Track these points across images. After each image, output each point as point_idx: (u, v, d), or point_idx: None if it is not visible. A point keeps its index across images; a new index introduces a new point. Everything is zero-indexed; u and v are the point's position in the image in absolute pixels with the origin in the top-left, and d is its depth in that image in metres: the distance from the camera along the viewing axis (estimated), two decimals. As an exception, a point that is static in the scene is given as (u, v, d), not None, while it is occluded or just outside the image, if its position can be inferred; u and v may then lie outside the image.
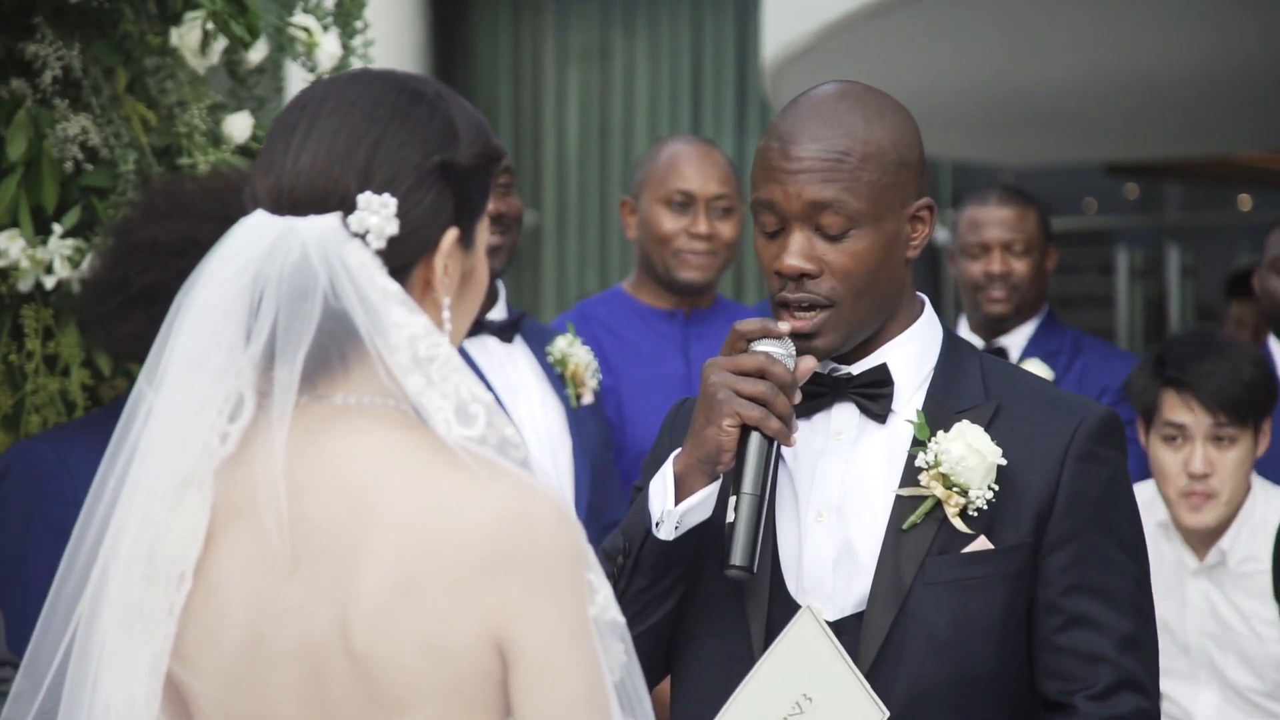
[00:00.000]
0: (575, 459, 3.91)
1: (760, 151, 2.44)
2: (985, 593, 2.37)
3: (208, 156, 3.23)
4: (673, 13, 10.31)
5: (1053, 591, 2.38)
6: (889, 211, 2.39)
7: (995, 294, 4.69)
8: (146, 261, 2.88)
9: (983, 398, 2.44)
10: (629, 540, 2.39)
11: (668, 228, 4.34)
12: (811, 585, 2.41)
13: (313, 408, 1.81)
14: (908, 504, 2.39)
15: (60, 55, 3.20)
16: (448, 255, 1.84)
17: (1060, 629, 2.39)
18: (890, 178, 2.39)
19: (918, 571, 2.36)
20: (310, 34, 3.53)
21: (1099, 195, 11.22)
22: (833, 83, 2.47)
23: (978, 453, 2.35)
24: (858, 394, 2.44)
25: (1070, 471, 2.39)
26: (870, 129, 2.39)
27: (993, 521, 2.37)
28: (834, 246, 2.38)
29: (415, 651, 1.74)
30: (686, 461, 2.35)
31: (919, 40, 6.59)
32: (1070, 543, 2.38)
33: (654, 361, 4.35)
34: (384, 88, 1.86)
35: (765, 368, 2.33)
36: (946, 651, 2.35)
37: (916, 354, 2.47)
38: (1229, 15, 5.94)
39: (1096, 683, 2.37)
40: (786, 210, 2.39)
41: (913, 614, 2.36)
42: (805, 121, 2.41)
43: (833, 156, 2.37)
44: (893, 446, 2.43)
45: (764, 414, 2.31)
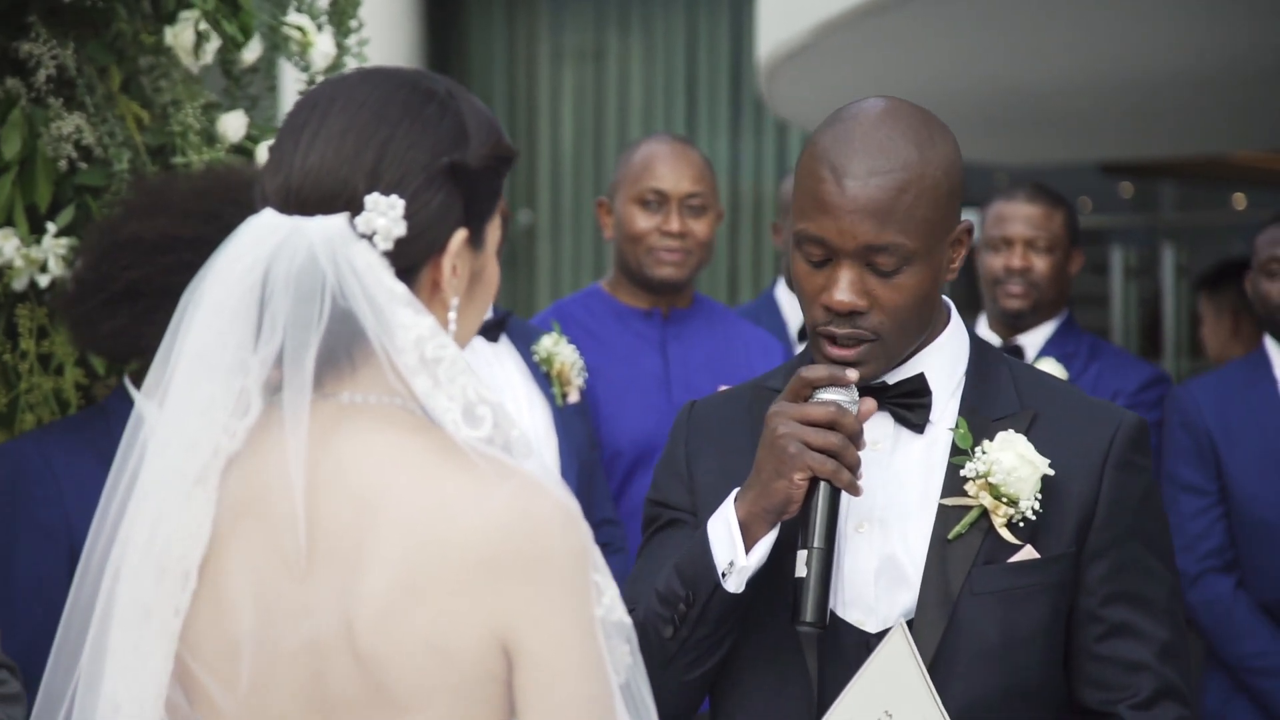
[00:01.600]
0: (562, 458, 3.92)
1: (806, 177, 2.35)
2: (1032, 602, 2.34)
3: (202, 155, 3.23)
4: (667, 12, 10.31)
5: (1093, 600, 2.37)
6: (938, 243, 2.34)
7: (1013, 289, 4.69)
8: (130, 259, 2.87)
9: (1018, 406, 2.42)
10: (691, 589, 2.33)
11: (640, 226, 4.35)
12: (853, 598, 2.37)
13: (320, 406, 1.80)
14: (951, 514, 2.36)
15: (54, 54, 3.20)
16: (456, 256, 1.83)
17: (1101, 638, 2.37)
18: (942, 210, 2.33)
19: (965, 582, 2.33)
20: (305, 33, 3.53)
21: (1094, 194, 11.22)
22: (878, 100, 2.38)
23: (1030, 464, 2.33)
24: (894, 404, 2.40)
25: (1110, 480, 2.37)
26: (924, 160, 2.32)
27: (1037, 531, 2.35)
28: (884, 282, 2.32)
29: (420, 652, 1.73)
30: (751, 510, 2.30)
31: (913, 39, 6.59)
32: (1110, 551, 2.36)
33: (631, 361, 4.35)
34: (394, 87, 1.85)
35: (836, 419, 2.28)
36: (997, 662, 2.33)
37: (949, 361, 2.44)
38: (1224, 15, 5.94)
39: (1139, 692, 2.36)
40: (839, 247, 2.31)
41: (962, 625, 2.33)
42: (858, 151, 2.31)
43: (889, 195, 2.29)
44: (930, 455, 2.40)
45: (837, 467, 2.27)
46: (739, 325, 4.55)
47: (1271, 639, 4.38)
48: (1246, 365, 4.60)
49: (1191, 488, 4.46)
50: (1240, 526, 4.44)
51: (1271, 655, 4.38)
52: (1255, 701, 4.42)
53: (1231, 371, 4.62)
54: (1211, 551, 4.44)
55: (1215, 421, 4.48)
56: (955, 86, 7.25)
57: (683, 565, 2.35)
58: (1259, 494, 4.41)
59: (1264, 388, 4.51)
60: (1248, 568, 4.43)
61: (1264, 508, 4.40)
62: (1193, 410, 4.49)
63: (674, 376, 4.35)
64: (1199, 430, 4.47)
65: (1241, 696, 4.45)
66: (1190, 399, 4.52)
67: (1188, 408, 4.50)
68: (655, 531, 2.52)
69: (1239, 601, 4.41)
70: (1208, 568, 4.44)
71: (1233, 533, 4.45)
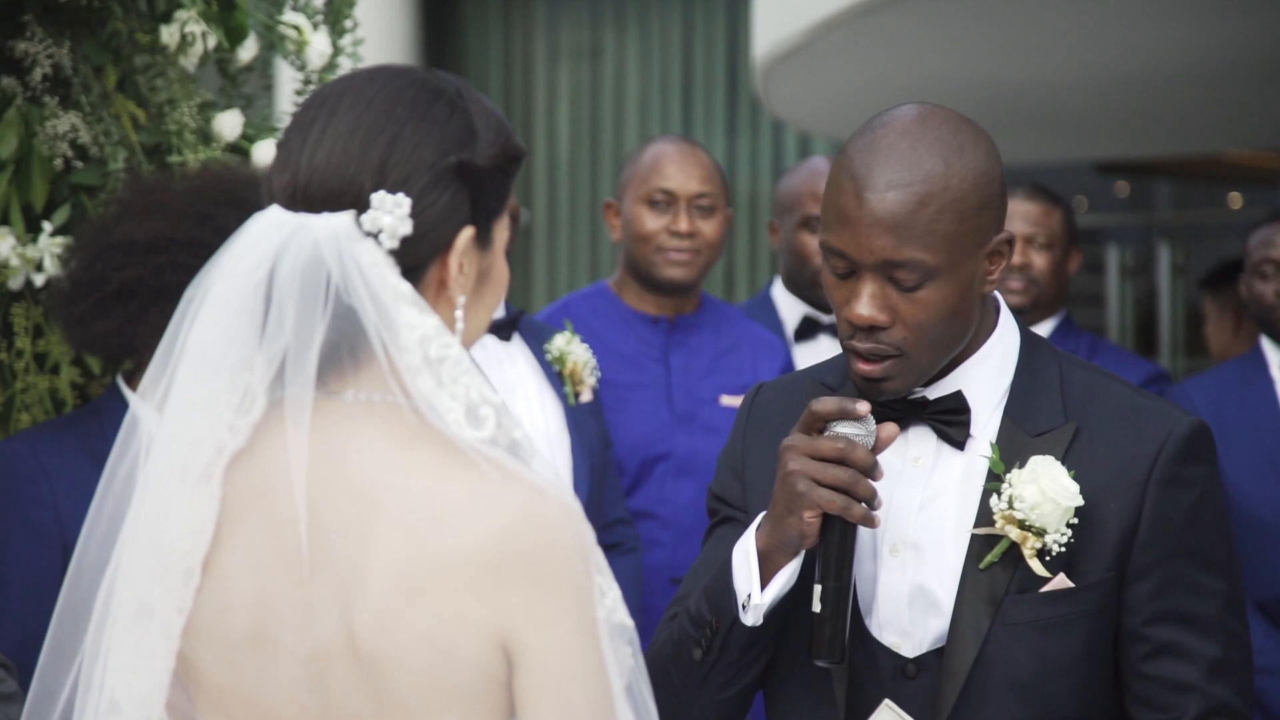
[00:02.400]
0: (574, 457, 3.91)
1: (831, 187, 2.29)
2: (1066, 631, 2.28)
3: (198, 154, 3.23)
4: (663, 11, 10.31)
5: (1137, 620, 2.30)
6: (966, 258, 2.26)
7: (1013, 285, 4.71)
8: (123, 259, 2.88)
9: (1061, 418, 2.34)
10: (716, 616, 2.31)
11: (649, 227, 4.34)
12: (888, 621, 2.34)
13: (324, 404, 1.80)
14: (983, 542, 2.30)
15: (50, 53, 3.19)
16: (463, 253, 1.83)
17: (1146, 658, 2.31)
18: (969, 223, 2.24)
19: (997, 612, 2.28)
20: (300, 32, 3.53)
21: (1089, 193, 11.23)
22: (910, 107, 2.31)
23: (1053, 500, 2.25)
24: (935, 419, 2.34)
25: (1153, 499, 2.29)
26: (950, 171, 2.23)
27: (1072, 557, 2.28)
28: (906, 297, 2.24)
29: (421, 652, 1.73)
30: (769, 542, 2.26)
31: (909, 39, 6.59)
32: (1154, 571, 2.29)
33: (633, 368, 4.34)
34: (403, 85, 1.85)
35: (846, 455, 2.22)
36: (1029, 693, 2.28)
37: (993, 372, 2.36)
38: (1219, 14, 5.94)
39: (1185, 713, 2.30)
40: (858, 260, 2.25)
41: (993, 656, 2.28)
42: (880, 162, 2.24)
43: (909, 209, 2.21)
44: (970, 475, 2.34)
45: (847, 503, 2.21)
46: (744, 326, 4.53)
47: (1266, 638, 4.38)
48: (1242, 364, 4.61)
49: (1187, 487, 4.46)
50: (1236, 526, 4.43)
51: (1267, 654, 4.38)
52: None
53: (1227, 371, 4.62)
54: (1207, 550, 4.45)
55: (1211, 421, 4.45)
56: (951, 85, 7.25)
57: (710, 589, 2.33)
58: (1254, 493, 4.41)
59: (1260, 387, 4.51)
60: (1244, 567, 4.43)
61: (1259, 507, 4.40)
62: (1188, 409, 4.49)
63: (675, 385, 4.34)
64: (1195, 429, 4.48)
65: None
66: (1186, 398, 4.52)
67: (1183, 406, 4.50)
68: (714, 527, 2.49)
69: (1235, 600, 4.42)
70: (1204, 567, 4.44)
71: (1229, 532, 4.46)
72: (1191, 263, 10.94)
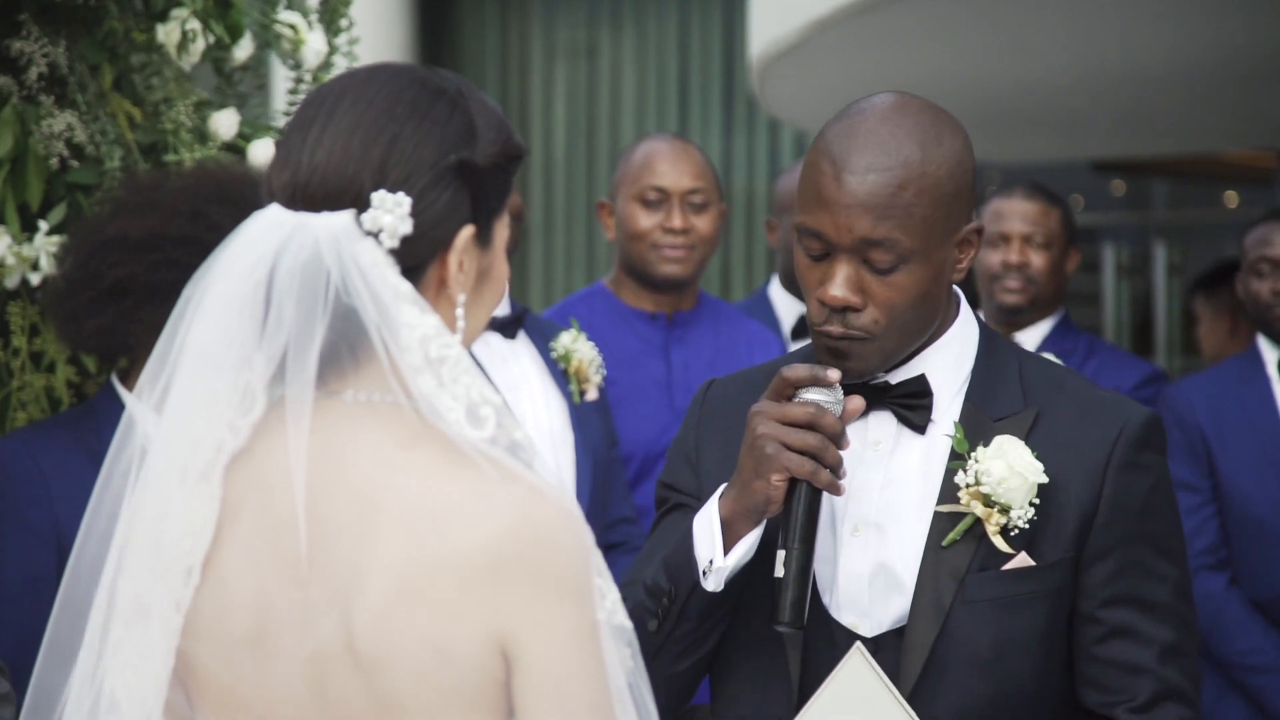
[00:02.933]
0: (578, 455, 3.91)
1: (808, 169, 2.33)
2: (1027, 610, 2.32)
3: (194, 153, 3.23)
4: (659, 10, 10.31)
5: (1092, 603, 2.34)
6: (939, 243, 2.30)
7: (1011, 284, 4.71)
8: (117, 256, 2.88)
9: (1022, 404, 2.38)
10: (674, 584, 2.33)
11: (643, 224, 4.34)
12: (847, 601, 2.36)
13: (324, 404, 1.80)
14: (946, 520, 2.33)
15: (46, 52, 3.19)
16: (463, 252, 1.83)
17: (1100, 640, 2.34)
18: (944, 210, 2.30)
19: (958, 589, 2.31)
20: (296, 31, 3.53)
21: (1086, 192, 11.22)
22: (888, 95, 2.36)
23: (1019, 474, 2.30)
24: (896, 403, 2.38)
25: (1111, 483, 2.33)
26: (928, 158, 2.29)
27: (1033, 537, 2.32)
28: (880, 279, 2.29)
29: (420, 654, 1.73)
30: (733, 509, 2.29)
31: (906, 37, 6.59)
32: (1111, 554, 2.33)
33: (634, 366, 4.35)
34: (403, 84, 1.84)
35: (815, 419, 2.26)
36: (989, 670, 2.31)
37: (954, 359, 2.40)
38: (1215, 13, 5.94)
39: (1138, 695, 2.33)
40: (835, 241, 2.29)
41: (955, 633, 2.31)
42: (860, 146, 2.29)
43: (887, 191, 2.26)
44: (930, 458, 2.38)
45: (815, 468, 2.24)
46: (743, 323, 4.54)
47: (1263, 636, 4.39)
48: (1239, 364, 4.61)
49: (1184, 485, 4.46)
50: (1233, 525, 4.44)
51: (1263, 652, 4.38)
52: (1247, 699, 4.42)
53: (1224, 370, 4.63)
54: (1204, 549, 4.45)
55: (1208, 420, 4.49)
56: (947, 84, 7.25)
57: (668, 560, 2.35)
58: (1251, 492, 4.42)
59: (1257, 386, 4.52)
60: (1240, 566, 4.44)
61: (1256, 506, 4.41)
62: (1185, 408, 4.50)
63: (676, 381, 4.34)
64: (1191, 428, 4.48)
65: (1233, 694, 4.46)
66: (1183, 397, 4.53)
67: (1180, 406, 4.51)
68: (663, 515, 2.51)
69: (1230, 599, 4.42)
70: (1200, 565, 4.44)
71: (1225, 531, 4.46)
72: (1188, 262, 10.95)
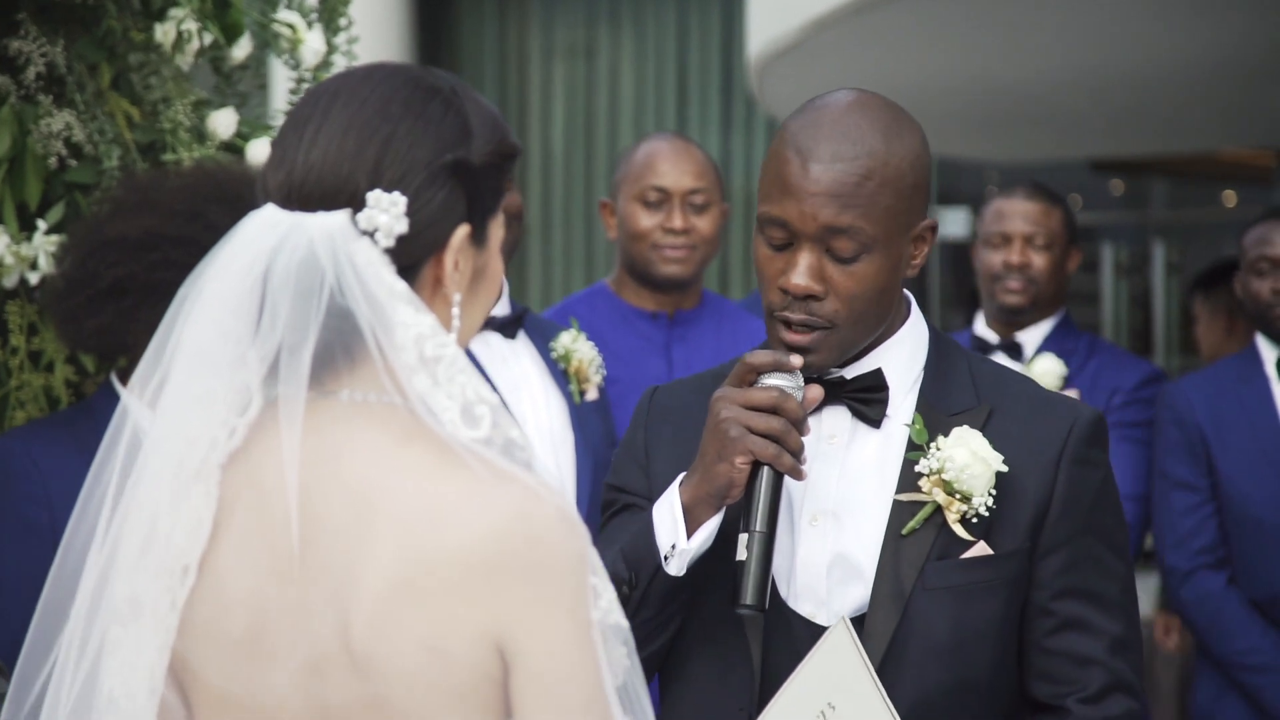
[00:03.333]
0: (578, 455, 3.91)
1: (773, 160, 2.37)
2: (985, 598, 2.35)
3: (192, 153, 3.23)
4: (658, 9, 10.31)
5: (1045, 595, 2.38)
6: (898, 235, 2.35)
7: (1012, 285, 4.70)
8: (115, 256, 2.88)
9: (975, 401, 2.42)
10: (635, 572, 2.35)
11: (644, 224, 4.34)
12: (803, 590, 2.39)
13: (319, 404, 1.80)
14: (906, 509, 2.37)
15: (44, 51, 3.19)
16: (458, 251, 1.83)
17: (1052, 632, 2.38)
18: (905, 202, 2.35)
19: (918, 577, 2.34)
20: (295, 30, 3.53)
21: (1084, 191, 11.23)
22: (849, 91, 2.41)
23: (982, 460, 2.34)
24: (851, 398, 2.41)
25: (1065, 476, 2.38)
26: (890, 149, 2.34)
27: (991, 526, 2.36)
28: (842, 268, 2.33)
29: (416, 653, 1.73)
30: (695, 494, 2.32)
31: (904, 37, 6.59)
32: (1064, 547, 2.37)
33: (635, 365, 4.34)
34: (398, 84, 1.84)
35: (779, 404, 2.29)
36: (948, 657, 2.34)
37: (907, 355, 2.45)
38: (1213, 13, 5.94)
39: (1088, 685, 2.37)
40: (800, 229, 2.33)
41: (914, 620, 2.34)
42: (825, 136, 2.34)
43: (853, 179, 2.31)
44: (886, 450, 2.41)
45: (778, 451, 2.28)
46: (745, 321, 4.53)
47: (1263, 635, 4.39)
48: (1238, 363, 4.61)
49: (1183, 484, 4.46)
50: (1232, 524, 4.44)
51: (1262, 652, 4.38)
52: (1246, 698, 4.42)
53: (1223, 369, 4.62)
54: (1203, 548, 4.45)
55: (1207, 418, 4.48)
56: (946, 84, 7.25)
57: (628, 548, 2.37)
58: (1250, 491, 4.41)
59: (1255, 385, 4.51)
60: (1239, 565, 4.44)
61: (1255, 505, 4.41)
62: (1184, 407, 4.50)
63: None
64: (1190, 427, 4.48)
65: (1232, 693, 4.45)
66: (1182, 396, 4.53)
67: (1179, 405, 4.51)
68: (611, 516, 2.53)
69: (1230, 598, 4.42)
70: (1199, 565, 4.44)
71: (1224, 530, 4.46)
72: (1186, 261, 10.95)
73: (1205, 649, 4.51)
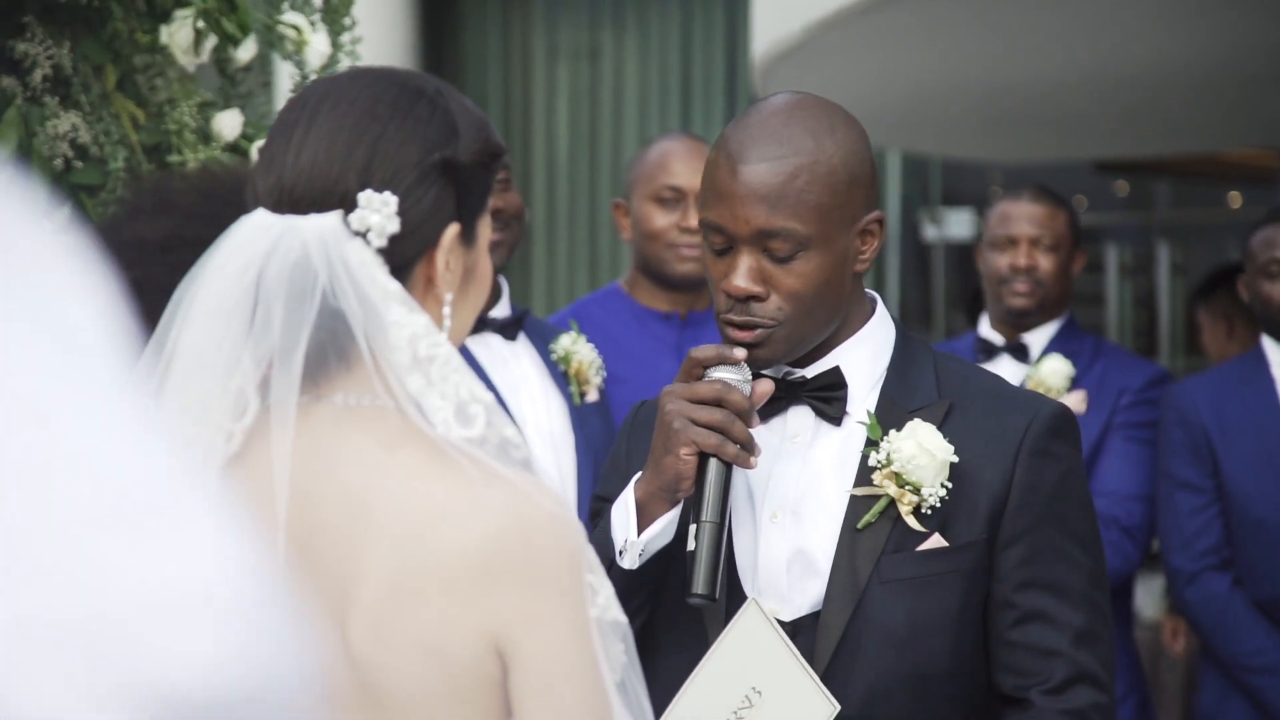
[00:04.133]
0: (578, 456, 3.92)
1: (708, 166, 2.42)
2: (941, 590, 2.38)
3: (197, 154, 3.23)
4: (662, 11, 10.30)
5: (1007, 587, 2.39)
6: (838, 231, 2.38)
7: (1019, 287, 4.70)
8: (133, 257, 2.89)
9: (935, 396, 2.45)
10: None
11: (659, 224, 4.34)
12: (766, 586, 2.42)
13: (314, 408, 1.80)
14: (862, 503, 2.40)
15: (50, 53, 3.19)
16: (449, 251, 1.84)
17: (1015, 624, 2.40)
18: (840, 198, 2.37)
19: (873, 570, 2.37)
20: (299, 32, 3.53)
21: (1089, 192, 11.23)
22: (783, 95, 2.45)
23: (928, 451, 2.36)
24: (812, 397, 2.45)
25: (1023, 467, 2.40)
26: (820, 147, 2.37)
27: (947, 519, 2.38)
28: (781, 268, 2.37)
29: (414, 656, 1.74)
30: (647, 489, 2.36)
31: (908, 38, 6.59)
32: (1024, 538, 2.39)
33: (647, 365, 4.35)
34: (384, 85, 1.86)
35: (721, 395, 2.33)
36: (903, 648, 2.36)
37: (869, 355, 2.47)
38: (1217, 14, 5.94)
39: (1051, 677, 2.38)
40: (734, 233, 2.37)
41: (869, 613, 2.37)
42: (754, 139, 2.38)
43: (781, 179, 2.35)
44: (846, 447, 2.44)
45: (720, 440, 2.32)
46: None
47: (1268, 637, 4.39)
48: (1243, 364, 4.61)
49: (1188, 485, 4.46)
50: (1237, 525, 4.44)
51: (1267, 653, 4.38)
52: (1251, 699, 4.42)
53: (1228, 370, 4.62)
54: (1208, 550, 4.45)
55: (1211, 419, 4.48)
56: (949, 84, 7.25)
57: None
58: (1255, 492, 4.41)
59: (1261, 386, 4.51)
60: (1244, 566, 4.44)
61: (1260, 506, 4.41)
62: (1189, 408, 4.50)
63: None
64: (1195, 428, 4.48)
65: (1237, 694, 4.45)
66: (1187, 397, 4.52)
67: (1184, 405, 4.51)
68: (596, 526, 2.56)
69: (1235, 599, 4.42)
70: (1204, 566, 4.44)
71: (1229, 531, 4.46)
72: (1191, 262, 10.94)
73: (1210, 651, 4.51)
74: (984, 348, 4.74)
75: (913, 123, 8.21)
